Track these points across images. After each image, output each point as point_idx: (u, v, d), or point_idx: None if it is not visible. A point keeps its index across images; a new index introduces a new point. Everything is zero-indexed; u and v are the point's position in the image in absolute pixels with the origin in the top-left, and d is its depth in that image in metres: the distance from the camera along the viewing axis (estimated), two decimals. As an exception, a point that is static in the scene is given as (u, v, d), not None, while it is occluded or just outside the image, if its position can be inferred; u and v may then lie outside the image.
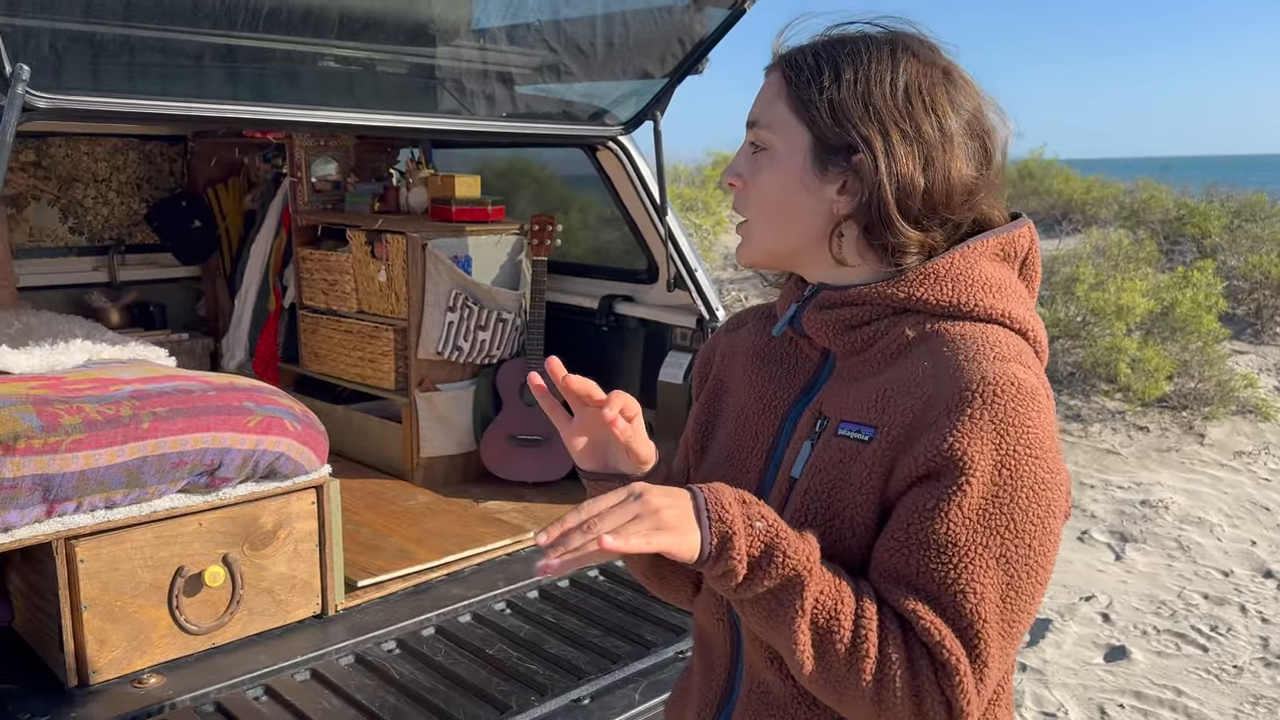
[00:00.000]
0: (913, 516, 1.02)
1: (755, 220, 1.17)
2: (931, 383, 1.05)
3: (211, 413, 2.37)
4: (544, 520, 3.31)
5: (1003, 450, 1.00)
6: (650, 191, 3.14)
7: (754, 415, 1.23)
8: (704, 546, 0.98)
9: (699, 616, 1.30)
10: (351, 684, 2.30)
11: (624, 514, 0.95)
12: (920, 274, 1.11)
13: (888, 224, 1.09)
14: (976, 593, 1.00)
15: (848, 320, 1.14)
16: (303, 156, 4.05)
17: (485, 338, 3.70)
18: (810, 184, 1.11)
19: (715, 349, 1.37)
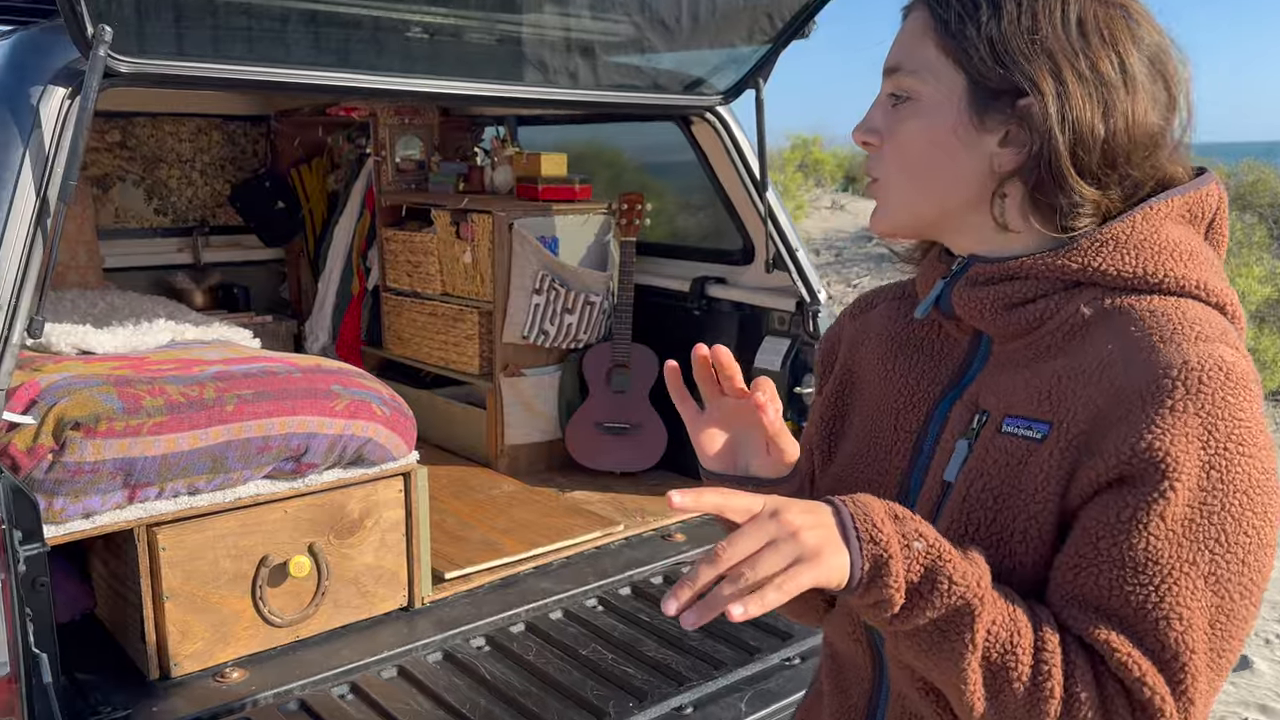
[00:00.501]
0: (1103, 529, 0.86)
1: (897, 181, 1.00)
2: (1120, 369, 0.88)
3: (298, 396, 2.26)
4: (632, 512, 3.16)
5: (1211, 448, 0.83)
6: (749, 166, 2.96)
7: (893, 410, 1.06)
8: (854, 572, 0.82)
9: (831, 636, 1.13)
10: (440, 683, 2.18)
11: (758, 540, 0.80)
12: (1096, 240, 0.94)
13: (1060, 180, 0.92)
14: (1183, 619, 0.83)
15: (1009, 297, 0.97)
16: (387, 135, 3.96)
17: (572, 321, 3.56)
18: (966, 135, 0.95)
19: (840, 336, 1.19)
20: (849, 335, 1.18)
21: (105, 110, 4.17)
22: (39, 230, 1.81)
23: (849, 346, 1.17)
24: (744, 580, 0.79)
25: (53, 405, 1.98)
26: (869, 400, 1.11)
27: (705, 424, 1.03)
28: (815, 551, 0.81)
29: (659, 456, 3.54)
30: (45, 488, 1.96)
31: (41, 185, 1.81)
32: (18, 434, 1.93)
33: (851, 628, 1.07)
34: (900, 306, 1.14)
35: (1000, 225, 0.97)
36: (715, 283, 3.41)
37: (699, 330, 3.48)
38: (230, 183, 4.58)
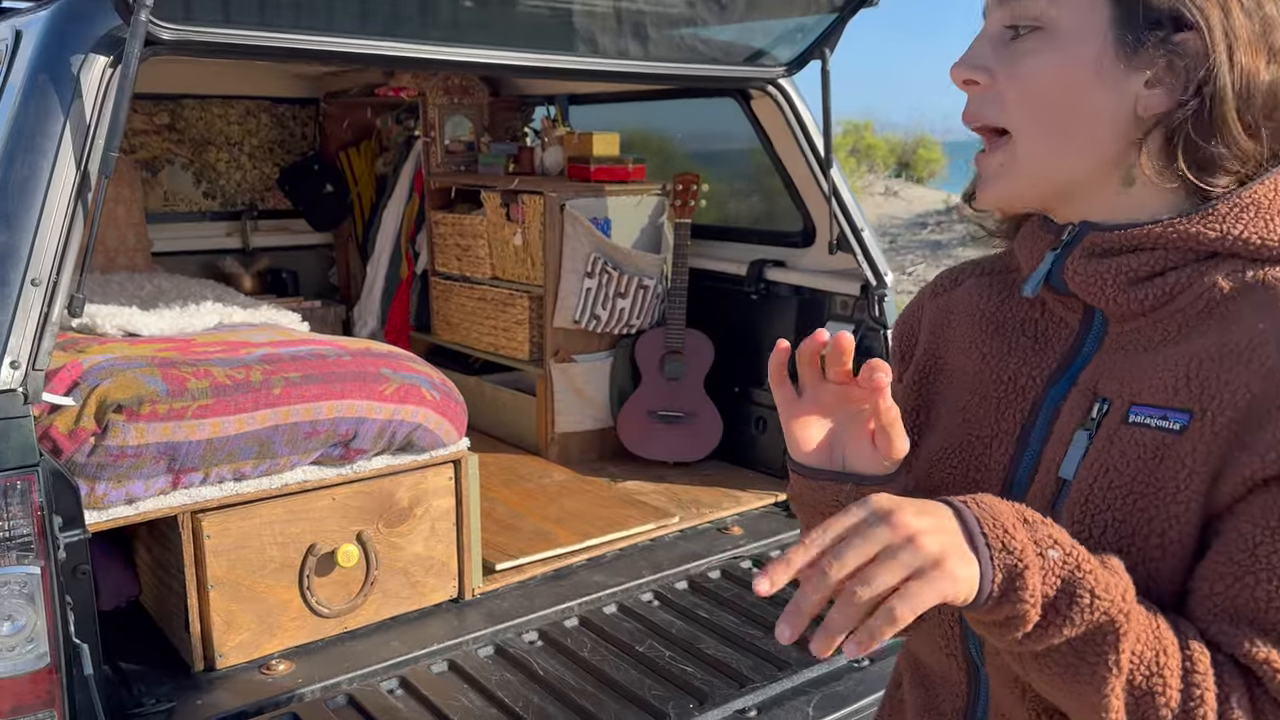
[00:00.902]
0: (1262, 534, 0.74)
1: (1026, 132, 0.85)
2: (1274, 350, 0.76)
3: (347, 379, 2.18)
4: (687, 503, 3.06)
5: None
6: (813, 142, 2.82)
7: (993, 399, 0.94)
8: (983, 585, 0.71)
9: (918, 648, 1.01)
10: (492, 679, 2.10)
11: (868, 549, 0.69)
12: (1236, 205, 0.82)
13: (1220, 129, 0.80)
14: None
15: (1135, 270, 0.84)
16: (436, 116, 3.88)
17: (625, 305, 3.45)
18: (1111, 72, 0.81)
19: (920, 317, 1.06)
20: (931, 317, 1.05)
21: (153, 92, 4.14)
22: (79, 205, 1.74)
23: (932, 329, 1.05)
24: (857, 599, 0.68)
25: (95, 387, 1.92)
26: (961, 389, 0.98)
27: (801, 411, 0.90)
28: (938, 561, 0.69)
29: (714, 446, 3.42)
30: (87, 472, 1.90)
31: (82, 158, 1.74)
32: (59, 416, 1.87)
33: (945, 641, 0.95)
34: (991, 284, 1.02)
35: (1126, 184, 0.85)
36: (773, 266, 3.28)
37: (756, 315, 3.35)
38: (279, 166, 4.54)
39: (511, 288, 3.61)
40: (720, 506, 3.03)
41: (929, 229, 10.90)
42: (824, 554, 0.70)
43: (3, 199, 1.70)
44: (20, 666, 1.68)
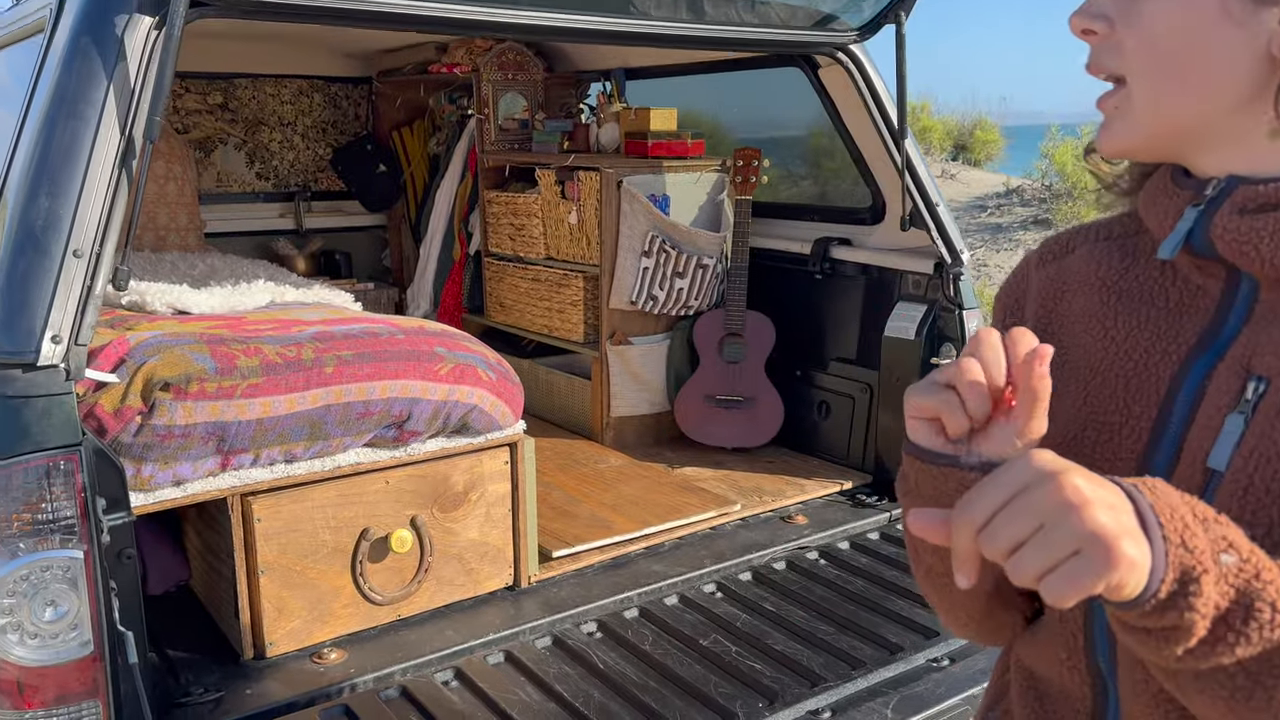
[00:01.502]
0: None
1: (1141, 78, 0.76)
2: None
3: (400, 358, 2.10)
4: (748, 491, 2.94)
5: None
6: (886, 112, 2.68)
7: (1120, 379, 0.81)
8: (1150, 583, 0.59)
9: (1030, 658, 0.89)
10: (550, 671, 2.00)
11: (1025, 524, 0.59)
12: None
13: None
14: None
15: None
16: (490, 92, 3.78)
17: (683, 286, 3.34)
18: (1240, 11, 0.72)
19: (1025, 289, 0.94)
20: (1039, 288, 0.92)
21: (207, 72, 4.10)
22: (124, 173, 1.66)
23: (1041, 301, 0.92)
24: (988, 544, 0.59)
25: (141, 364, 1.85)
26: (1080, 367, 0.85)
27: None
28: (1108, 540, 0.57)
29: (774, 432, 3.30)
30: (133, 453, 1.83)
31: (126, 124, 1.67)
32: (105, 394, 1.80)
33: (1067, 653, 0.83)
34: (1110, 249, 0.89)
35: (1272, 135, 0.74)
36: (839, 244, 3.14)
37: (820, 296, 3.22)
38: (332, 146, 4.48)
39: (566, 268, 3.51)
40: (783, 495, 2.91)
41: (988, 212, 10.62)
42: (980, 529, 0.61)
43: (45, 166, 1.64)
44: (64, 654, 1.62)
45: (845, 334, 3.15)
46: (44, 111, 1.67)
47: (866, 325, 3.06)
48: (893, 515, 2.79)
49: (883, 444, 2.95)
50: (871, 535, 2.69)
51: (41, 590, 1.59)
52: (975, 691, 1.95)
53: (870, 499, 2.89)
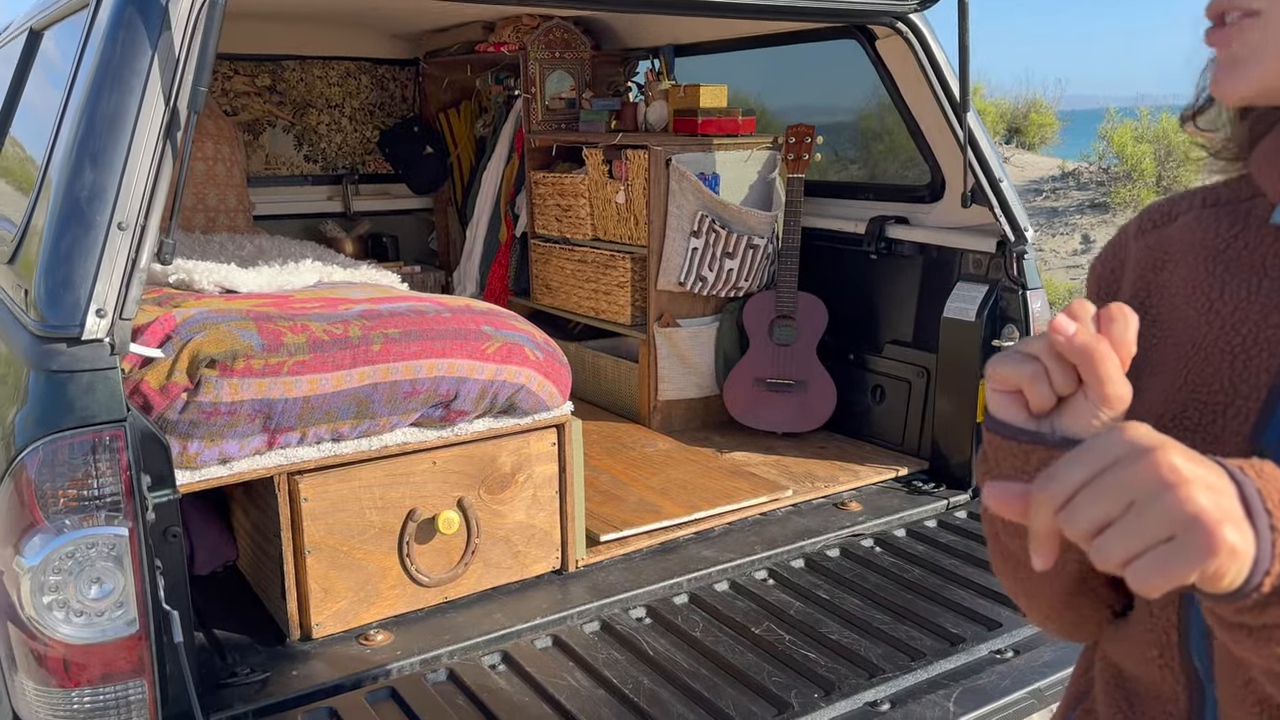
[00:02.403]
0: None
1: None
2: None
3: (448, 337, 2.06)
4: (800, 477, 2.87)
5: None
6: (948, 84, 2.58)
7: (1226, 354, 0.74)
8: (1254, 573, 0.53)
9: (1118, 655, 0.81)
10: (599, 657, 1.95)
11: (1114, 501, 0.53)
12: None
13: None
14: None
15: None
16: (537, 71, 3.73)
17: (732, 266, 3.26)
18: None
19: (1123, 259, 0.86)
20: (1139, 257, 0.84)
21: (254, 54, 4.10)
22: (168, 144, 1.64)
23: (1141, 272, 0.83)
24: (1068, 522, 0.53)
25: (187, 341, 1.82)
26: (1182, 342, 0.77)
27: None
28: (1208, 524, 0.51)
29: (826, 417, 3.22)
30: (179, 430, 1.81)
31: (171, 94, 1.64)
32: (150, 371, 1.78)
33: (1159, 650, 0.75)
34: (1218, 215, 0.80)
35: None
36: (895, 223, 3.05)
37: (875, 276, 3.13)
38: (379, 129, 4.47)
39: (613, 249, 3.46)
40: (836, 480, 2.84)
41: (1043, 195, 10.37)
42: (1062, 506, 0.55)
43: (89, 137, 1.61)
44: (109, 632, 1.61)
45: (901, 316, 3.06)
46: (89, 83, 1.65)
47: (924, 306, 2.97)
48: (950, 503, 2.70)
49: (940, 429, 2.86)
50: (929, 523, 2.61)
51: (87, 567, 1.57)
52: (1040, 685, 1.87)
53: (927, 486, 2.80)
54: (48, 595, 1.56)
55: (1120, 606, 0.84)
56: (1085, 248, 9.04)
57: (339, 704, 1.80)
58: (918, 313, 3.00)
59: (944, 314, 2.79)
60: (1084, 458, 0.55)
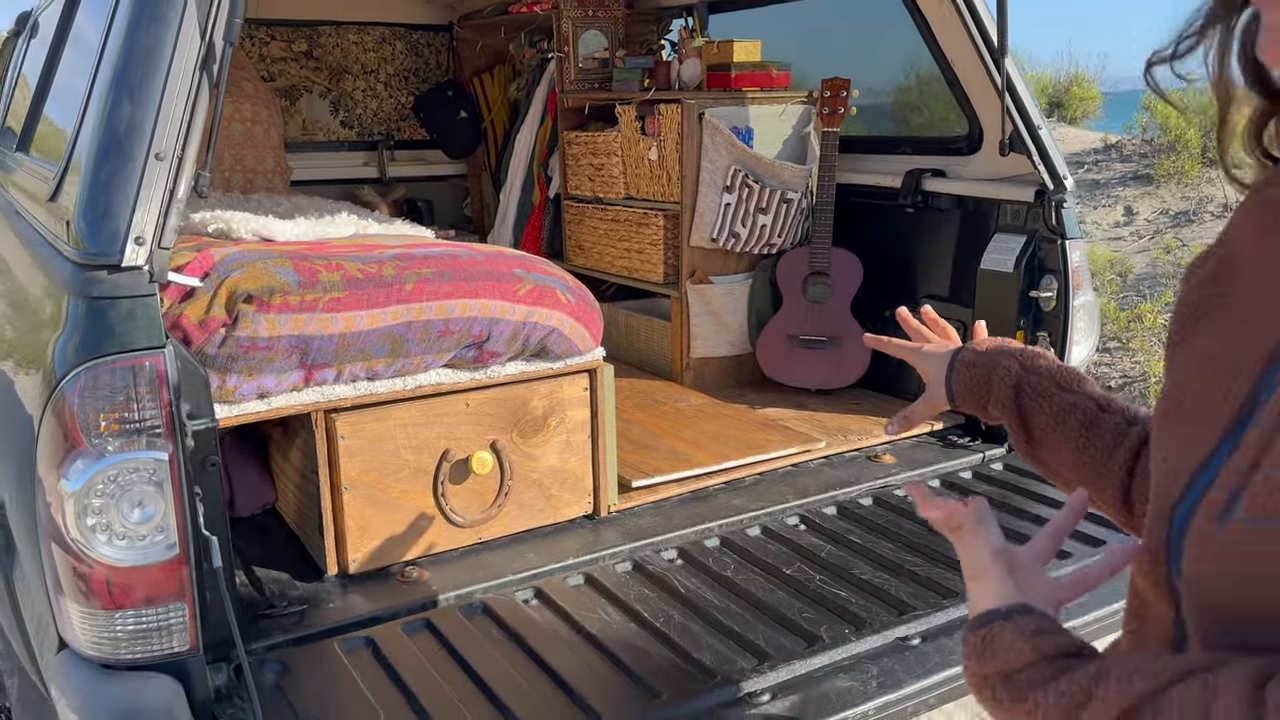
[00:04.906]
0: None
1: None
2: None
3: (480, 278, 2.07)
4: (833, 431, 2.85)
5: None
6: (985, 31, 2.54)
7: (1246, 331, 0.73)
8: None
9: (1135, 572, 0.81)
10: (630, 593, 1.97)
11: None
12: None
13: None
14: None
15: None
16: (570, 30, 3.73)
17: (766, 222, 3.25)
18: None
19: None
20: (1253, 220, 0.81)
21: (291, 19, 4.13)
22: (204, 76, 1.65)
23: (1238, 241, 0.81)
24: None
25: (225, 277, 1.85)
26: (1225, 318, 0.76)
27: None
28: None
29: (860, 374, 3.20)
30: (218, 364, 1.84)
31: (207, 26, 1.65)
32: (189, 306, 1.81)
33: (1151, 567, 0.75)
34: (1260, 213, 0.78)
35: None
36: (932, 176, 3.02)
37: (911, 231, 3.10)
38: (414, 94, 4.49)
39: (646, 206, 3.45)
40: (870, 434, 2.82)
41: (1085, 168, 10.20)
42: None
43: (127, 70, 1.63)
44: (151, 555, 1.64)
45: (937, 270, 3.03)
46: (126, 19, 1.67)
47: (960, 261, 2.94)
48: (986, 455, 2.68)
49: (975, 383, 2.83)
50: (964, 474, 2.59)
51: (128, 491, 1.60)
52: (1069, 620, 1.86)
53: (963, 440, 2.78)
54: (91, 518, 1.59)
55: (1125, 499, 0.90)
56: (1128, 219, 8.89)
57: (375, 634, 1.83)
58: (954, 267, 2.97)
59: (981, 265, 2.76)
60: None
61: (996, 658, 0.75)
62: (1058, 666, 0.71)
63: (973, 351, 1.19)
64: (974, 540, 0.85)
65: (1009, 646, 0.74)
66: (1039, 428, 1.09)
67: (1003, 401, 1.13)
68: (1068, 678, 0.69)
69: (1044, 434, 1.09)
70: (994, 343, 1.20)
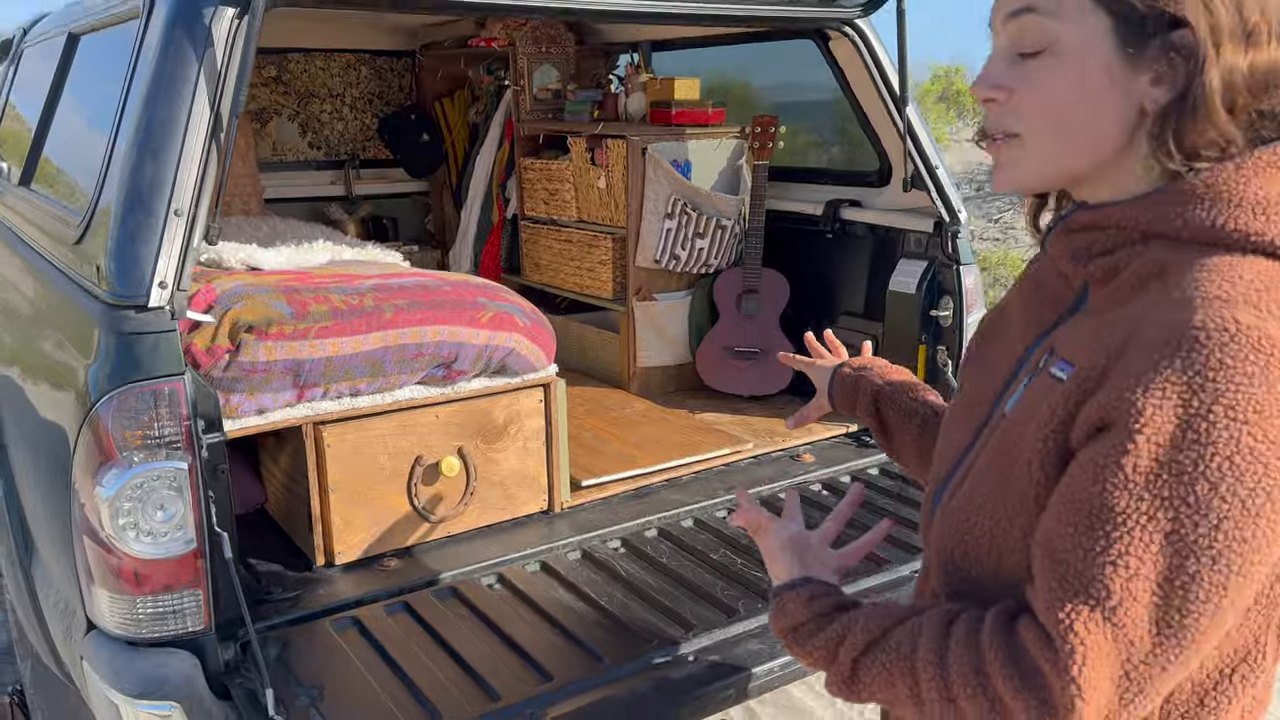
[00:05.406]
0: (1075, 474, 0.87)
1: (1041, 137, 0.95)
2: (1141, 321, 0.86)
3: (448, 307, 2.39)
4: (761, 433, 3.21)
5: (1192, 409, 0.81)
6: (889, 81, 2.91)
7: (1010, 342, 1.08)
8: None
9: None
10: (580, 577, 2.30)
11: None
12: (1173, 193, 0.90)
13: (1207, 117, 0.88)
14: (1129, 567, 0.82)
15: (1089, 247, 0.96)
16: (525, 65, 4.04)
17: (703, 245, 3.60)
18: (1119, 76, 0.90)
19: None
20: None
21: (261, 47, 4.39)
22: (214, 143, 1.96)
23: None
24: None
25: (228, 309, 2.15)
26: (999, 335, 1.13)
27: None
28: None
29: (788, 381, 3.56)
30: (223, 385, 2.14)
31: (215, 100, 1.95)
32: (198, 335, 2.11)
33: (922, 528, 1.13)
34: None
35: (1126, 169, 0.94)
36: (849, 205, 3.38)
37: (831, 254, 3.46)
38: (378, 116, 4.77)
39: (596, 230, 3.78)
40: (793, 436, 3.18)
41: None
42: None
43: (148, 137, 1.93)
44: (172, 550, 1.93)
45: (854, 290, 3.40)
46: (144, 92, 1.96)
47: (873, 281, 3.30)
48: (894, 454, 3.05)
49: (887, 390, 3.20)
50: (872, 470, 2.96)
51: (153, 495, 1.90)
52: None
53: (872, 440, 3.14)
54: (122, 519, 1.89)
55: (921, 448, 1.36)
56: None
57: (361, 614, 2.14)
58: (868, 287, 3.34)
59: (889, 287, 3.13)
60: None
61: (786, 618, 1.07)
62: (828, 620, 1.03)
63: (849, 367, 1.53)
64: (767, 536, 1.18)
65: (793, 610, 1.07)
66: (891, 426, 1.44)
67: (866, 406, 1.47)
68: (832, 627, 1.02)
69: (894, 430, 1.43)
70: (866, 361, 1.54)
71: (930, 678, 0.92)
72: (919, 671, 0.93)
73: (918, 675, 0.93)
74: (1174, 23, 0.88)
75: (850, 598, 1.07)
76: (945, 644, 0.92)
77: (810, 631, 1.04)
